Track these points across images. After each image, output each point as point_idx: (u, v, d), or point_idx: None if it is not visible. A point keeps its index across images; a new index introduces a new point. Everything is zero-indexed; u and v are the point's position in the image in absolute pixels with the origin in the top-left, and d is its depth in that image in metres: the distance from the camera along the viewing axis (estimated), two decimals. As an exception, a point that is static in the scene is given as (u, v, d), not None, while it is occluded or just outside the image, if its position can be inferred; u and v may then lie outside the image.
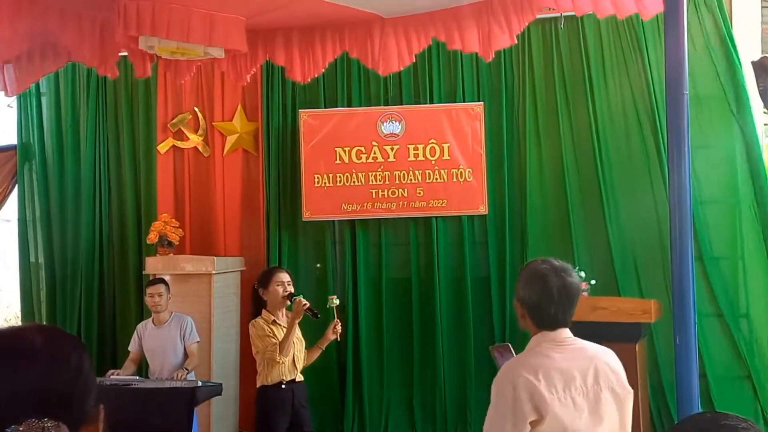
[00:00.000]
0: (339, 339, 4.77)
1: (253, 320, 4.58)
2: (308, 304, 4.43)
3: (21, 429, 1.09)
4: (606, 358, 2.47)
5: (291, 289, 4.62)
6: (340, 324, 4.65)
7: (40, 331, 1.21)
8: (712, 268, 5.50)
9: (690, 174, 4.48)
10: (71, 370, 1.18)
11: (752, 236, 5.58)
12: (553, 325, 2.41)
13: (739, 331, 5.45)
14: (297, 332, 4.52)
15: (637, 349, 5.05)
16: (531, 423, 2.31)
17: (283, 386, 4.52)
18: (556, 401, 2.30)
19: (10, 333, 1.23)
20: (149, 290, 5.55)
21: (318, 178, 6.46)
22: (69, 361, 1.18)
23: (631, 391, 2.43)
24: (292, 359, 4.55)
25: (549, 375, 2.32)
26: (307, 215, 6.49)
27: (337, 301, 4.66)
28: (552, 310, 2.38)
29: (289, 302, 4.56)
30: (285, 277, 4.66)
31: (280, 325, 4.57)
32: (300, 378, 4.63)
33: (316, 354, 4.72)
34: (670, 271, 5.48)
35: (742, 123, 5.66)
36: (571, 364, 2.37)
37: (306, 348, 4.68)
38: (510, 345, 2.77)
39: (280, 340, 4.45)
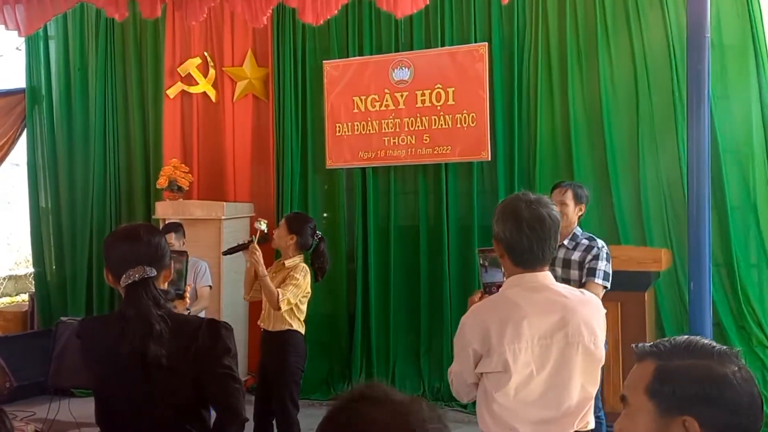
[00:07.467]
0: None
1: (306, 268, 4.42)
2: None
3: (132, 272, 2.20)
4: (585, 312, 2.31)
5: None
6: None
7: (143, 226, 2.40)
8: (724, 217, 5.43)
9: (709, 121, 4.41)
10: (157, 245, 2.30)
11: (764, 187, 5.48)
12: (531, 262, 2.29)
13: (750, 281, 5.41)
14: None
15: (646, 297, 5.05)
16: (487, 374, 2.28)
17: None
18: (511, 353, 2.23)
19: (127, 228, 2.42)
20: None
21: (339, 126, 6.47)
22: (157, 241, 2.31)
23: (603, 353, 2.34)
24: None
25: (512, 325, 2.24)
26: (329, 163, 6.55)
27: (263, 226, 4.28)
28: (525, 243, 2.26)
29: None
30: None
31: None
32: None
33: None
34: (672, 223, 5.48)
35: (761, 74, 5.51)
36: (539, 315, 2.26)
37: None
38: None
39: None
